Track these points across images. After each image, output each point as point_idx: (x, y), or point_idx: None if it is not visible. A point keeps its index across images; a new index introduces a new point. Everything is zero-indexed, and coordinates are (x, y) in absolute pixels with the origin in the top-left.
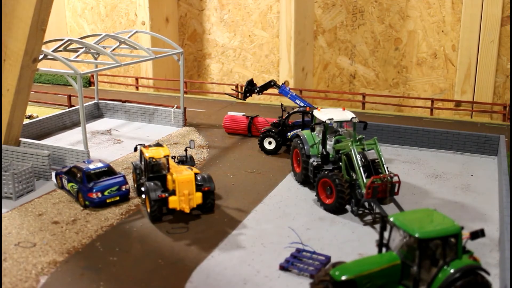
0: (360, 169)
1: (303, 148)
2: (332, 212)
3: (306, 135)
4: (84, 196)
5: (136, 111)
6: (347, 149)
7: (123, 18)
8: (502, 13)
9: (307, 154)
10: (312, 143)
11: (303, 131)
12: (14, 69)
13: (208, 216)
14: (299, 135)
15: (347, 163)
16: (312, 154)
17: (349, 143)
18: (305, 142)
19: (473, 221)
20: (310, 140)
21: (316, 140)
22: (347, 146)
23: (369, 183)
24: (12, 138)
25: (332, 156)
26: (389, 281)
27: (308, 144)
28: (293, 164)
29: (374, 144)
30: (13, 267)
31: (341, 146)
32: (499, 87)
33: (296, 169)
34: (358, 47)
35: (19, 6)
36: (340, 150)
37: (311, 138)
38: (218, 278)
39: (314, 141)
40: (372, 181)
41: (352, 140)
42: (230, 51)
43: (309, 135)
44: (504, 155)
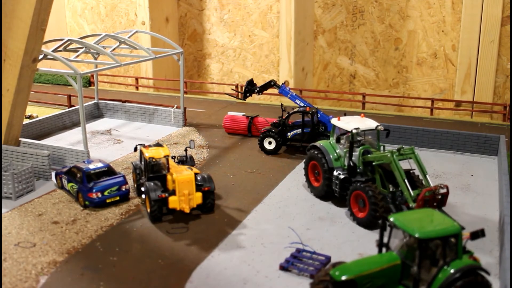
0: (405, 181)
1: (324, 160)
2: (365, 227)
3: (326, 146)
4: (84, 196)
5: (136, 111)
6: (386, 160)
7: (123, 18)
8: (502, 13)
9: (330, 166)
10: (333, 154)
11: (321, 142)
12: (14, 69)
13: (208, 216)
14: (316, 146)
15: (382, 175)
16: (335, 166)
17: (388, 154)
18: (326, 153)
19: (473, 221)
20: (331, 151)
21: (337, 151)
22: (385, 157)
23: (421, 196)
24: (12, 138)
25: (358, 167)
26: (389, 281)
27: (330, 156)
28: (309, 178)
29: (412, 153)
30: (13, 267)
31: (377, 157)
32: (499, 87)
33: (314, 183)
34: (358, 47)
35: (19, 6)
36: (373, 161)
37: (332, 149)
38: (218, 278)
39: (335, 152)
40: (424, 194)
41: (392, 150)
42: (230, 51)
43: (329, 146)
44: (504, 155)
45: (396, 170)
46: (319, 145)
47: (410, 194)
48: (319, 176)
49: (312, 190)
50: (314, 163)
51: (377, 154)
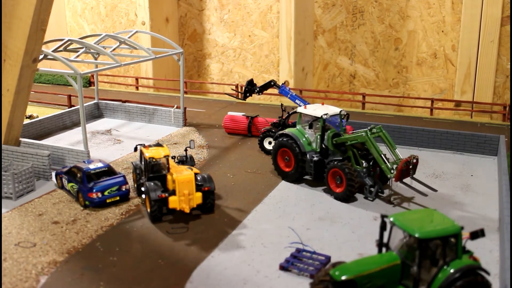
0: (381, 156)
1: (296, 146)
2: (342, 200)
3: (295, 133)
4: (84, 196)
5: (136, 111)
6: (362, 139)
7: (123, 18)
8: (502, 13)
9: (302, 151)
10: (304, 140)
11: (290, 130)
12: (14, 69)
13: (208, 216)
14: (286, 134)
15: (356, 153)
16: (307, 150)
17: (363, 133)
18: (297, 140)
19: (473, 221)
20: (301, 137)
21: (305, 136)
22: (361, 137)
23: (400, 166)
24: (12, 138)
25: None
26: (389, 281)
27: (301, 141)
28: (278, 165)
29: (381, 131)
30: (13, 267)
31: (352, 137)
32: (499, 87)
33: (285, 169)
34: (358, 47)
35: (19, 6)
36: (346, 142)
37: (302, 135)
38: (218, 278)
39: (304, 138)
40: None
41: (366, 130)
42: (230, 51)
43: (298, 132)
44: (504, 155)
45: (372, 147)
46: (289, 133)
47: (387, 167)
48: (289, 161)
49: (282, 176)
50: (284, 149)
51: (351, 135)
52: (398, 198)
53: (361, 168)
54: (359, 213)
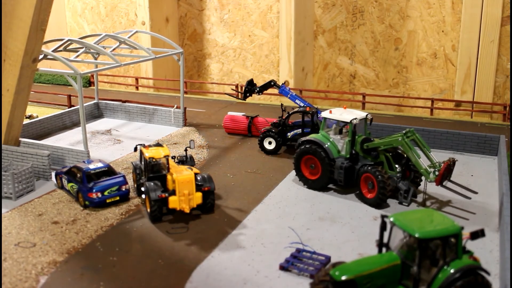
0: (419, 159)
1: (324, 152)
2: (374, 206)
3: (321, 139)
4: (84, 196)
5: (136, 111)
6: (397, 144)
7: (123, 18)
8: (502, 13)
9: (331, 157)
10: (331, 145)
11: (314, 136)
12: (14, 69)
13: (208, 216)
14: (311, 140)
15: (389, 158)
16: (335, 157)
17: (399, 138)
18: (324, 146)
19: (473, 221)
20: (327, 143)
21: (330, 141)
22: (396, 141)
23: (442, 170)
24: (12, 138)
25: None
26: (389, 281)
27: (329, 148)
28: (302, 173)
29: (414, 134)
30: (13, 267)
31: (386, 142)
32: (499, 87)
33: (310, 177)
34: (358, 47)
35: (19, 6)
36: (378, 147)
37: (328, 141)
38: (218, 278)
39: (332, 144)
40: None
41: (401, 134)
42: (230, 51)
43: (324, 139)
44: (504, 155)
45: (409, 151)
46: (314, 139)
47: (427, 171)
48: (315, 169)
49: (308, 185)
50: (309, 157)
51: (384, 139)
52: (435, 202)
53: (394, 173)
54: (359, 213)
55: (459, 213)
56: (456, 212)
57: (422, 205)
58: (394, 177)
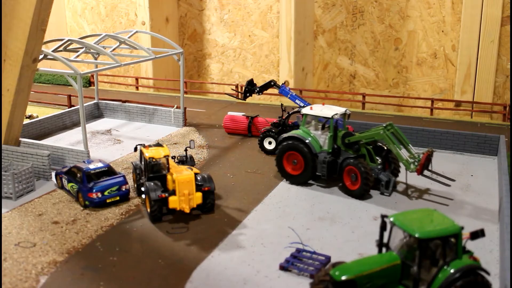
0: (400, 151)
1: (308, 148)
2: (358, 198)
3: (302, 135)
4: (84, 196)
5: (136, 111)
6: (379, 137)
7: (123, 18)
8: (502, 13)
9: (314, 152)
10: (313, 140)
11: (295, 132)
12: (14, 69)
13: (208, 216)
14: (293, 137)
15: (370, 151)
16: (318, 151)
17: (380, 131)
18: (307, 141)
19: (473, 221)
20: (311, 138)
21: (311, 137)
22: (378, 134)
23: (423, 160)
24: (12, 138)
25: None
26: (389, 281)
27: (312, 143)
28: (285, 169)
29: (393, 128)
30: (13, 267)
31: (367, 136)
32: (499, 87)
33: (293, 172)
34: (358, 47)
35: (19, 6)
36: (360, 140)
37: (309, 136)
38: (218, 278)
39: (312, 138)
40: (425, 158)
41: (382, 128)
42: (230, 51)
43: (306, 134)
44: (504, 155)
45: (390, 143)
46: (296, 135)
47: (408, 162)
48: (297, 164)
49: (290, 180)
50: (291, 153)
51: (366, 133)
52: (414, 191)
53: (376, 165)
54: (359, 213)
55: (459, 213)
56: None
57: (407, 195)
58: (376, 169)
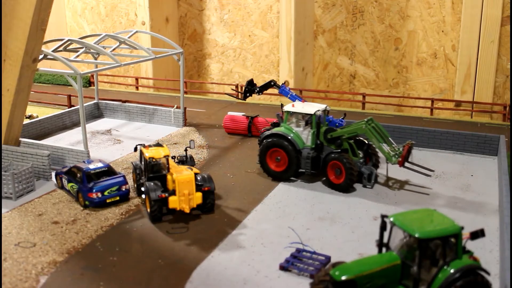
0: (382, 144)
1: (291, 144)
2: (342, 191)
3: (287, 132)
4: (84, 196)
5: (136, 111)
6: (361, 131)
7: (123, 18)
8: (502, 13)
9: (298, 149)
10: (296, 137)
11: (278, 129)
12: (14, 69)
13: (208, 216)
14: (276, 134)
15: (353, 145)
16: (301, 148)
17: (363, 126)
18: (290, 138)
19: (473, 221)
20: (294, 135)
21: (294, 133)
22: (360, 129)
23: (404, 153)
24: (12, 138)
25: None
26: (389, 281)
27: (295, 140)
28: (268, 166)
29: (373, 122)
30: (13, 267)
31: (350, 130)
32: (499, 87)
33: (277, 169)
34: (358, 47)
35: (19, 6)
36: (342, 135)
37: (292, 133)
38: (218, 278)
39: (294, 135)
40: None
41: (364, 122)
42: (230, 51)
43: (288, 131)
44: (504, 155)
45: (373, 137)
46: (279, 132)
47: (389, 154)
48: (281, 161)
49: (273, 177)
50: (274, 149)
51: (347, 128)
52: (395, 182)
53: (358, 159)
54: (359, 213)
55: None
56: (456, 212)
57: (388, 187)
58: (358, 163)
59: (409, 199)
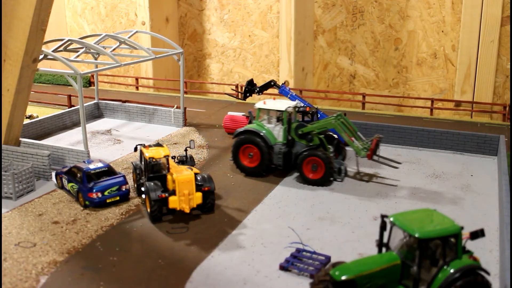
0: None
1: (264, 141)
2: (319, 185)
3: (259, 129)
4: (84, 196)
5: (136, 111)
6: (331, 126)
7: (123, 18)
8: (502, 13)
9: (270, 145)
10: (268, 133)
11: (250, 126)
12: (14, 69)
13: (208, 216)
14: (249, 130)
15: (323, 140)
16: (273, 143)
17: (332, 121)
18: (262, 134)
19: (473, 221)
20: (266, 132)
21: (266, 130)
22: (330, 124)
23: (373, 146)
24: (12, 138)
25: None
26: (389, 281)
27: (268, 136)
28: (241, 161)
29: (342, 117)
30: (13, 267)
31: (320, 126)
32: (499, 87)
33: (249, 165)
34: (358, 47)
35: (19, 6)
36: (312, 131)
37: (264, 129)
38: (218, 278)
39: (266, 131)
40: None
41: (333, 117)
42: (230, 51)
43: (260, 128)
44: (504, 155)
45: (342, 132)
46: (251, 129)
47: (359, 148)
48: (253, 157)
49: (246, 172)
50: (247, 146)
51: (318, 123)
52: (365, 176)
53: (328, 153)
54: (359, 213)
55: (459, 213)
56: (456, 212)
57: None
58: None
59: (409, 199)
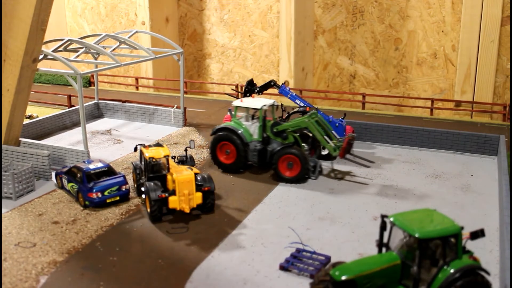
0: (324, 137)
1: (239, 138)
2: (295, 182)
3: (235, 126)
4: (84, 196)
5: (136, 111)
6: (304, 125)
7: (123, 18)
8: (502, 13)
9: (245, 142)
10: (244, 131)
11: (227, 124)
12: (14, 69)
13: (208, 216)
14: (226, 128)
15: (297, 138)
16: (249, 141)
17: (306, 119)
18: (238, 132)
19: (473, 221)
20: (240, 129)
21: (243, 128)
22: (303, 122)
23: (344, 145)
24: (12, 138)
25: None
26: (389, 281)
27: (242, 133)
28: (218, 159)
29: (317, 116)
30: (13, 267)
31: (294, 124)
32: (499, 87)
33: (226, 161)
34: (358, 47)
35: (19, 6)
36: (287, 129)
37: (241, 127)
38: (218, 278)
39: (243, 129)
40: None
41: (307, 116)
42: (230, 51)
43: (237, 125)
44: (504, 155)
45: (315, 130)
46: (228, 126)
47: (331, 146)
48: (230, 154)
49: (223, 169)
50: (224, 143)
51: (291, 122)
52: (338, 173)
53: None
54: (359, 213)
55: (459, 213)
56: (456, 212)
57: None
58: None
59: (409, 199)
